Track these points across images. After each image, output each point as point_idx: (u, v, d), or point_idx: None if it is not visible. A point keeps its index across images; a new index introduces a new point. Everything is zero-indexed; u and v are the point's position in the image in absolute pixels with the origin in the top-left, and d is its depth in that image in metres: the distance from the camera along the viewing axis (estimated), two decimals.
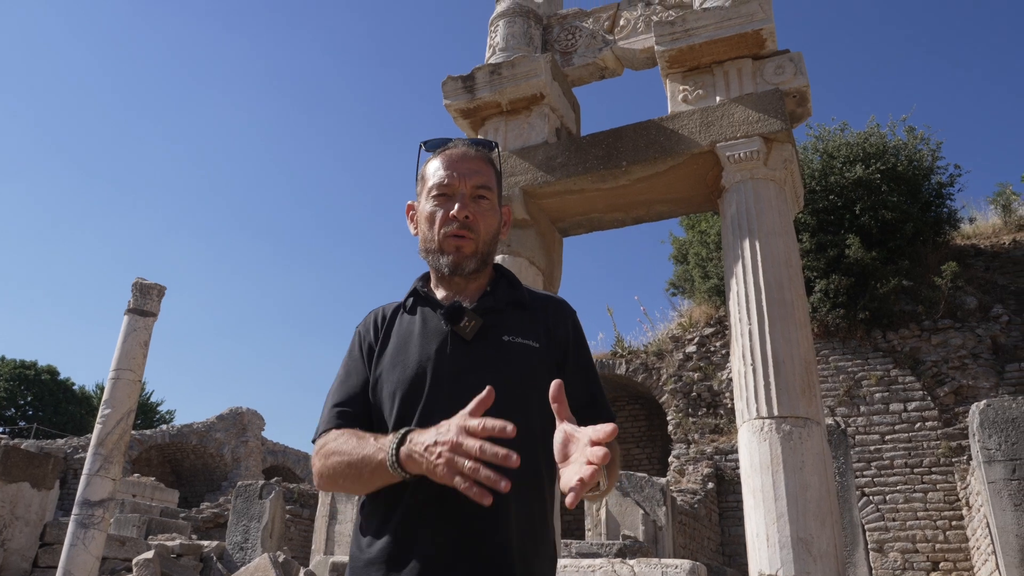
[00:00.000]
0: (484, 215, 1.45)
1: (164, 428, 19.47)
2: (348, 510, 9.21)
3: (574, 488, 1.00)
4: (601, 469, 1.03)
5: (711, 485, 10.34)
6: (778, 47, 4.96)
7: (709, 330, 12.14)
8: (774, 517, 3.82)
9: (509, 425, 1.05)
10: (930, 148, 11.65)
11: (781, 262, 4.43)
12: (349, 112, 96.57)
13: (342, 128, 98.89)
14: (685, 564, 4.12)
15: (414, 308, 1.46)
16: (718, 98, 4.98)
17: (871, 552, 9.31)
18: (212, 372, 70.15)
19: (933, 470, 9.58)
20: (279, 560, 6.52)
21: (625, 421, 13.79)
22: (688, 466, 10.81)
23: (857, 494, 8.90)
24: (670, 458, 11.31)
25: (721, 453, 10.75)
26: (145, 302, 7.85)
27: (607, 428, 1.03)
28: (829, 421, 8.87)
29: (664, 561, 4.21)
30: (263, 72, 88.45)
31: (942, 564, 9.18)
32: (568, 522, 12.16)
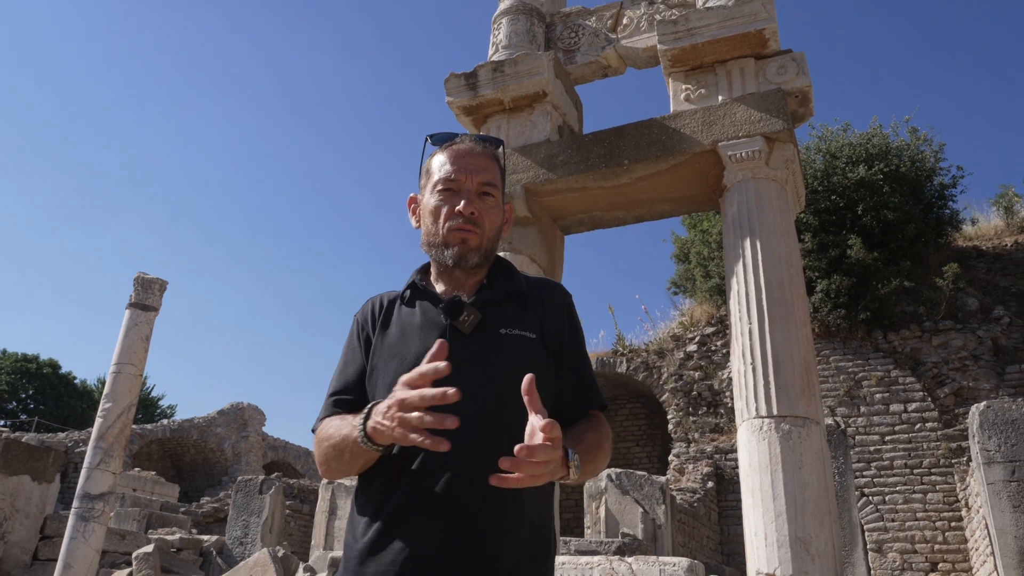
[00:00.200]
0: (489, 212, 1.46)
1: (165, 423, 19.51)
2: (348, 506, 9.22)
3: (499, 476, 1.07)
4: (573, 457, 1.18)
5: (711, 484, 10.35)
6: (781, 47, 4.96)
7: (710, 329, 12.13)
8: (772, 516, 3.83)
9: (441, 364, 1.10)
10: (933, 149, 11.64)
11: (782, 261, 4.43)
12: (351, 109, 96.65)
13: (344, 124, 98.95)
14: (683, 562, 4.12)
15: (412, 301, 1.47)
16: (720, 97, 4.97)
17: (870, 552, 9.31)
18: (213, 367, 70.29)
19: (933, 471, 9.58)
20: (278, 555, 6.53)
21: (625, 419, 13.80)
22: (688, 465, 10.82)
23: (856, 494, 8.90)
24: (670, 457, 11.32)
25: (721, 452, 10.76)
26: (147, 296, 7.88)
27: (542, 422, 1.09)
28: (829, 421, 8.86)
29: (662, 559, 4.21)
30: (265, 68, 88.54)
31: (941, 565, 9.18)
32: (567, 519, 12.18)
